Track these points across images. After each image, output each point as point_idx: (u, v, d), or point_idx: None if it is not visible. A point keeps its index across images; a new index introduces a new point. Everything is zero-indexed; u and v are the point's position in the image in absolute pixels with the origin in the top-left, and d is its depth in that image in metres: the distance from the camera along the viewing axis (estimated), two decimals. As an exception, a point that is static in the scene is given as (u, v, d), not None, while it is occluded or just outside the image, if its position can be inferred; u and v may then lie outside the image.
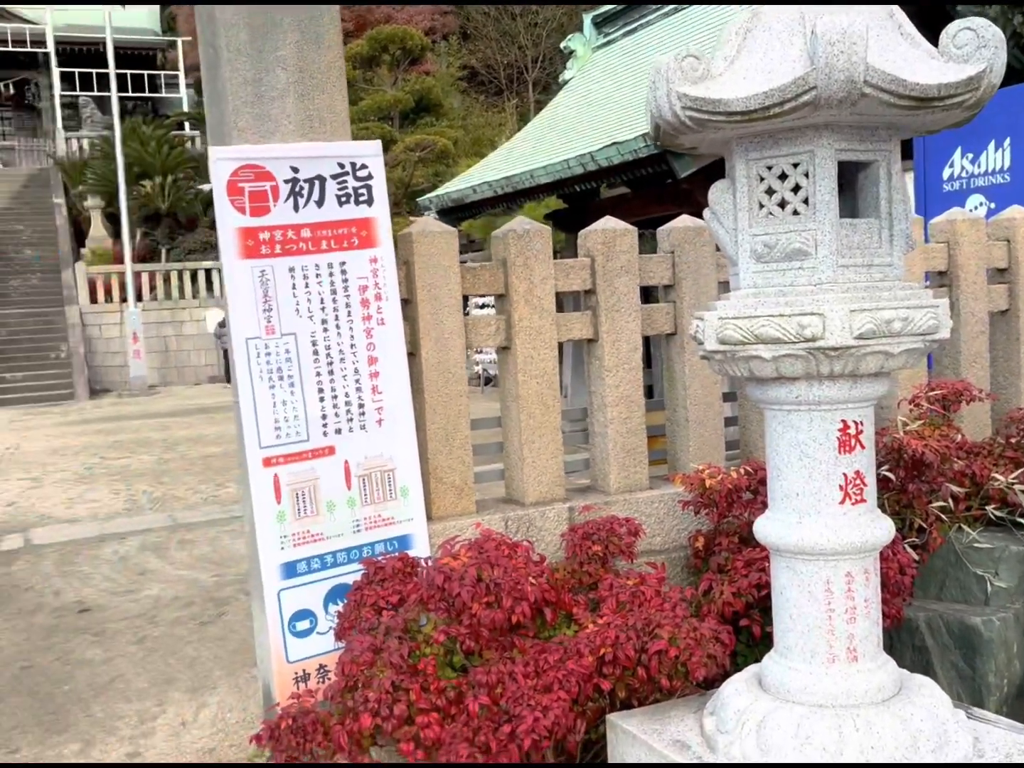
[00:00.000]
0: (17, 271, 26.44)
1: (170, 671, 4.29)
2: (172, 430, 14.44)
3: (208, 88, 3.24)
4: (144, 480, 9.79)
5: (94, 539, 7.20)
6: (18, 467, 11.33)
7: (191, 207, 27.86)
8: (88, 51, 34.10)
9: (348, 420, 3.20)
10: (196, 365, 25.37)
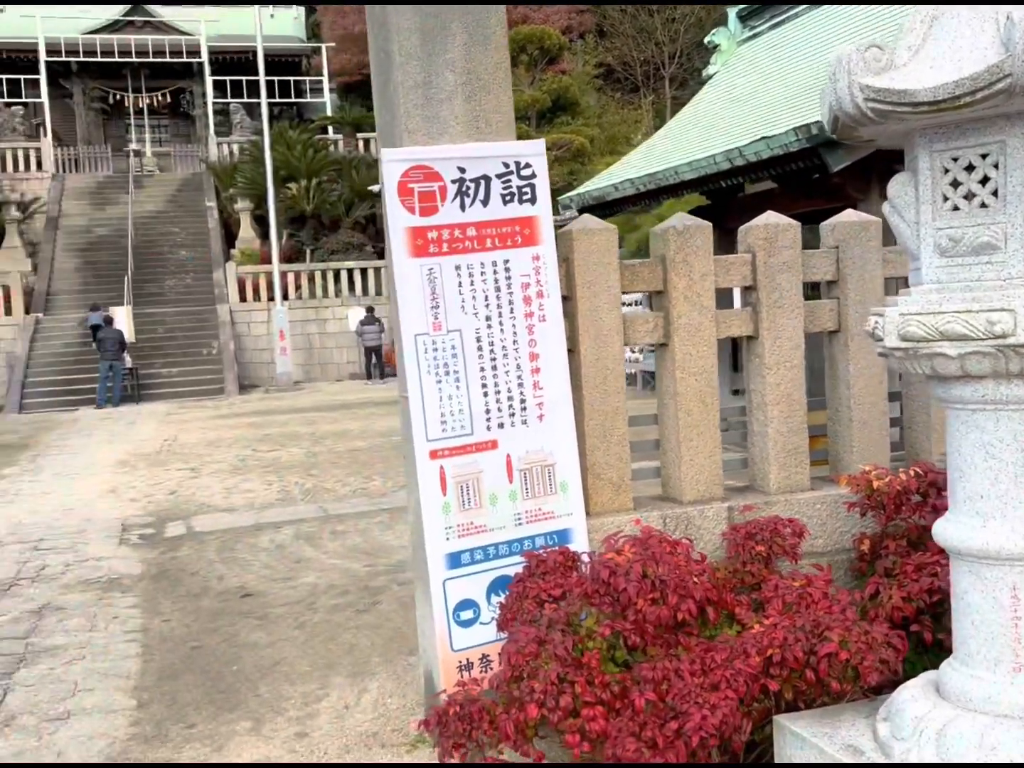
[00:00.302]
0: (172, 271, 27.81)
1: (330, 656, 4.44)
2: (318, 424, 14.92)
3: (379, 92, 3.35)
4: (295, 472, 10.15)
5: (251, 528, 7.52)
6: (177, 458, 11.93)
7: (334, 209, 28.72)
8: (238, 59, 35.56)
9: (510, 415, 3.25)
10: (338, 362, 26.15)
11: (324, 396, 21.13)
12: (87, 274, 27.08)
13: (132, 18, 35.37)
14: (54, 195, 29.73)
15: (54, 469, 11.61)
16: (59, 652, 4.68)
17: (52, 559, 6.70)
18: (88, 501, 9.18)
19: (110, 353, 21.23)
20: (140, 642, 4.82)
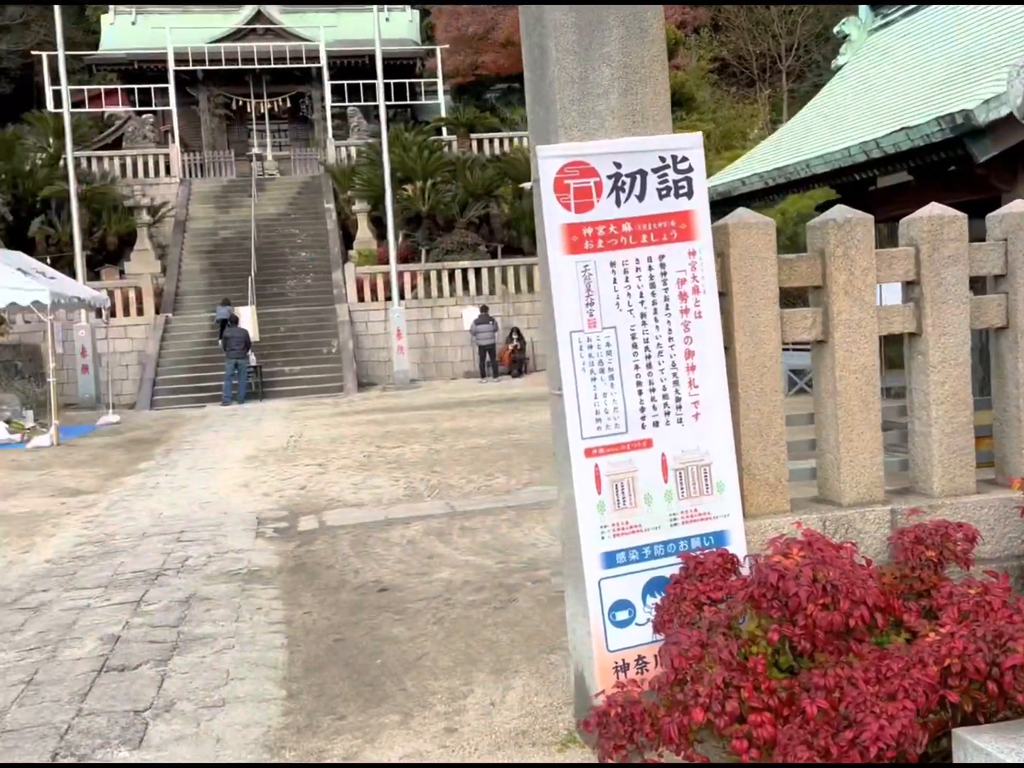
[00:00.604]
0: (293, 272, 28.54)
1: (471, 652, 4.46)
2: (437, 422, 15.09)
3: (533, 88, 3.34)
4: (418, 469, 10.28)
5: (381, 523, 7.63)
6: (304, 454, 12.23)
7: (448, 209, 29.01)
8: (354, 63, 36.28)
9: (665, 413, 3.20)
10: (452, 360, 26.42)
11: (440, 394, 21.38)
12: (213, 275, 28.02)
13: (254, 26, 36.44)
14: (181, 199, 30.87)
15: (187, 464, 12.04)
16: (209, 641, 4.82)
17: (194, 551, 6.93)
18: (223, 495, 9.48)
19: (235, 352, 21.90)
20: (285, 633, 4.93)
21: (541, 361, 26.74)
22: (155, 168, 31.45)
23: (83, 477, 11.35)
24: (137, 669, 4.44)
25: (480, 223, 29.85)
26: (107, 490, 10.28)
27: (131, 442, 15.00)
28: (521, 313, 26.86)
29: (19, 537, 7.86)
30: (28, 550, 7.34)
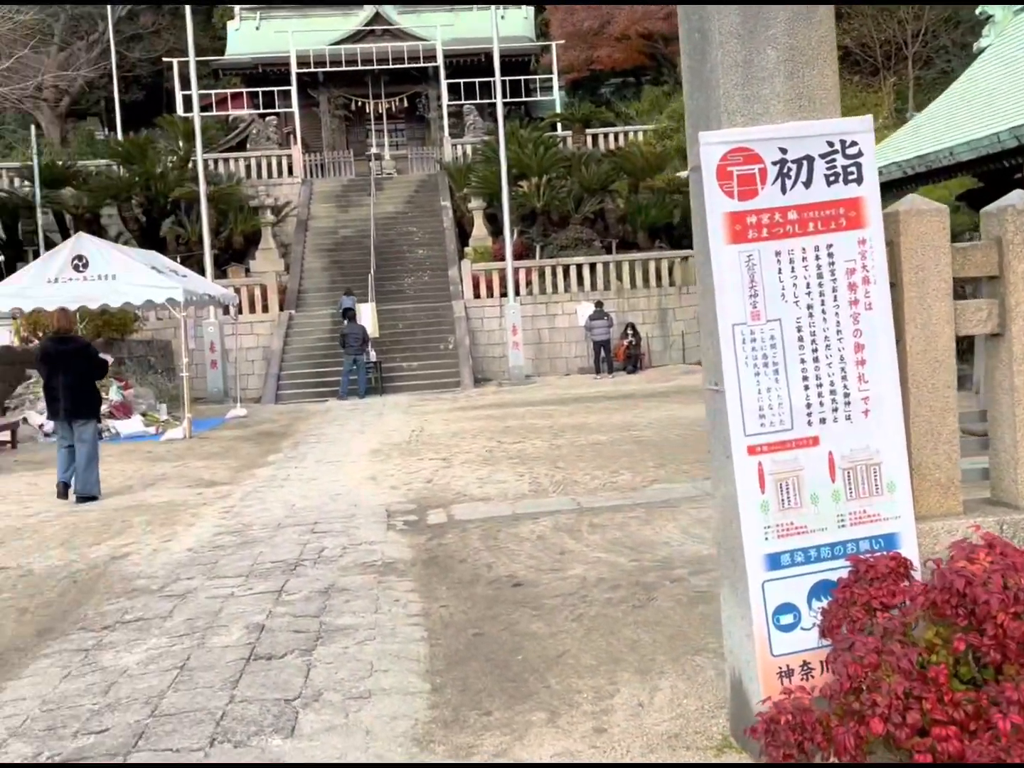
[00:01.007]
0: (411, 270, 28.95)
1: (613, 651, 4.39)
2: (555, 418, 15.05)
3: (692, 74, 3.24)
4: (541, 464, 10.25)
5: (509, 518, 7.63)
6: (427, 448, 12.35)
7: (563, 205, 28.96)
8: (470, 62, 36.56)
9: (833, 410, 3.07)
10: (566, 356, 26.38)
11: (556, 390, 21.36)
12: (334, 273, 28.64)
13: (373, 27, 37.06)
14: (303, 199, 31.65)
15: (315, 456, 12.30)
16: (351, 632, 4.88)
17: (329, 542, 7.05)
18: (351, 488, 9.64)
19: (353, 348, 22.35)
20: (423, 626, 4.95)
21: (657, 357, 26.46)
22: (278, 169, 32.33)
23: (216, 469, 11.71)
24: (283, 658, 4.52)
25: (595, 218, 29.71)
26: (240, 481, 10.57)
27: (259, 435, 15.42)
28: (636, 309, 26.64)
29: (161, 526, 8.14)
30: (170, 539, 7.59)
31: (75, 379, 9.57)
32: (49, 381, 9.81)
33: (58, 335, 9.96)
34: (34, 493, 10.41)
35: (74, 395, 9.55)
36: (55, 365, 9.64)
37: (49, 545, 7.55)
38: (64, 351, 9.67)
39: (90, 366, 9.76)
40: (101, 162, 30.75)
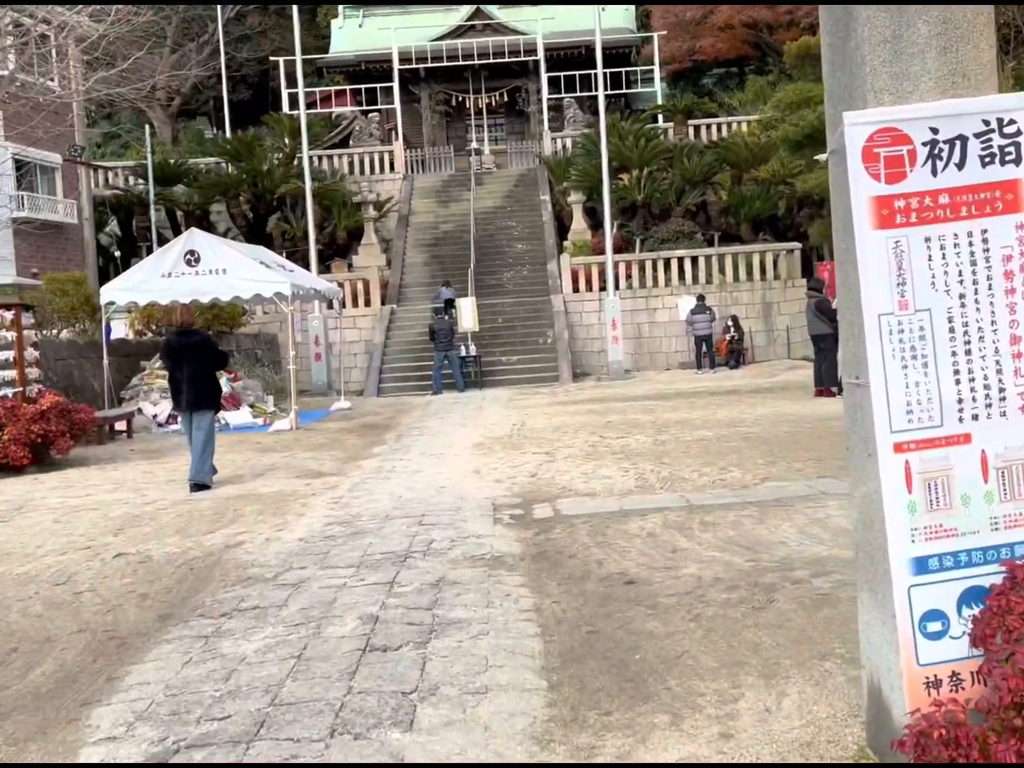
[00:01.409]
0: (510, 264, 28.99)
1: (734, 653, 4.26)
2: (657, 413, 14.85)
3: (833, 51, 3.09)
4: (646, 460, 10.10)
5: (616, 514, 7.51)
6: (529, 442, 12.31)
7: (664, 197, 28.62)
8: (570, 55, 36.41)
9: (987, 406, 2.88)
10: (666, 351, 26.06)
11: (656, 385, 21.11)
12: (434, 267, 28.88)
13: (473, 22, 37.22)
14: (404, 194, 32.00)
15: (419, 449, 12.38)
16: (464, 625, 4.84)
17: (437, 534, 7.05)
18: (456, 481, 9.65)
19: (443, 344, 22.54)
20: (536, 622, 4.88)
21: (760, 352, 25.92)
22: (380, 165, 32.76)
23: (323, 460, 11.88)
24: (398, 650, 4.50)
25: (696, 211, 29.27)
26: (347, 473, 10.70)
27: (363, 427, 15.62)
28: (739, 303, 26.15)
29: (272, 516, 8.27)
30: (282, 528, 7.70)
31: (197, 371, 9.85)
32: (173, 373, 10.12)
33: (181, 329, 10.23)
34: (150, 481, 10.71)
35: (196, 387, 9.83)
36: (178, 358, 9.94)
37: (166, 532, 7.74)
38: (186, 344, 9.96)
39: (211, 358, 10.06)
40: (211, 160, 31.62)
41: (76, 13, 13.61)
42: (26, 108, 14.29)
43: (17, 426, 11.59)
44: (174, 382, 10.10)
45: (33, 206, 24.72)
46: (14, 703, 4.20)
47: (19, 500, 9.89)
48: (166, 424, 16.23)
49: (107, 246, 29.33)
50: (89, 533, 7.90)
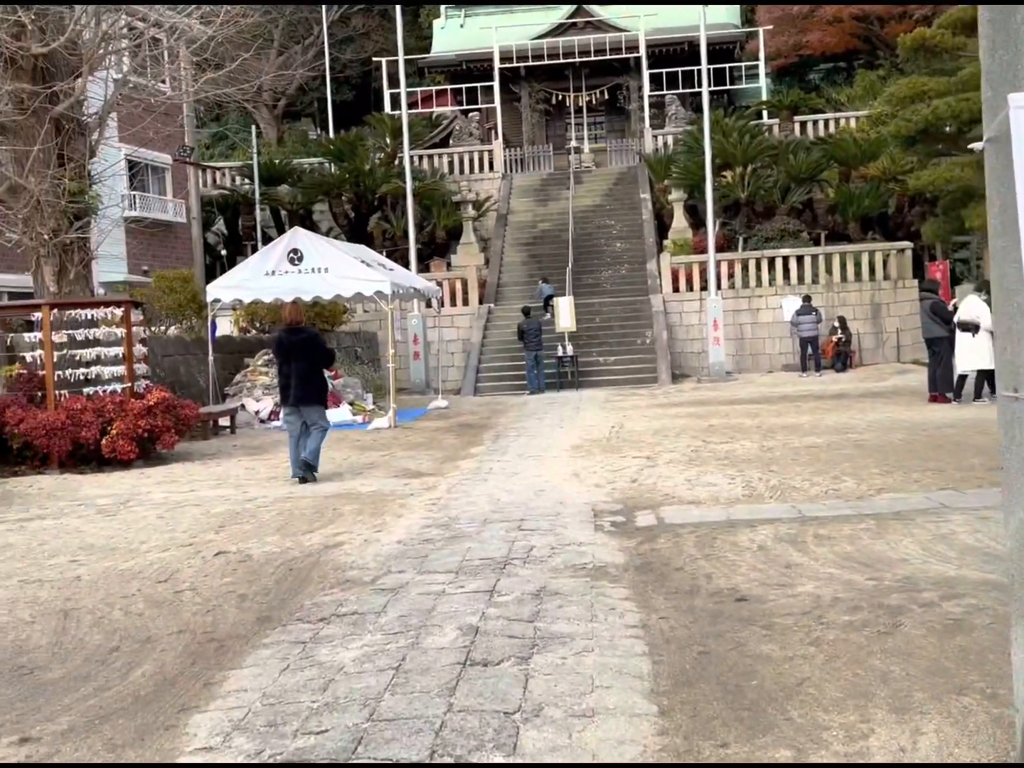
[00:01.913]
0: (608, 263, 28.68)
1: (861, 683, 3.95)
2: (762, 417, 14.40)
3: (994, 28, 2.78)
4: (753, 467, 9.74)
5: (723, 524, 7.21)
6: (628, 445, 12.04)
7: (769, 195, 27.92)
8: (672, 51, 35.84)
9: None
10: (769, 353, 25.41)
11: (759, 388, 20.56)
12: (531, 266, 28.76)
13: (575, 20, 36.97)
14: (503, 193, 31.95)
15: (517, 450, 12.23)
16: (567, 641, 4.64)
17: (537, 541, 6.86)
18: (555, 484, 9.46)
19: (533, 344, 22.39)
20: (643, 640, 4.65)
21: (868, 355, 25.06)
22: (479, 164, 32.80)
23: (421, 459, 11.83)
24: (499, 665, 4.33)
25: (802, 209, 28.49)
26: (445, 473, 10.61)
27: (460, 427, 15.56)
28: (847, 303, 25.35)
29: (371, 516, 8.21)
30: (380, 529, 7.62)
31: (304, 367, 10.08)
32: (281, 369, 10.35)
33: (290, 326, 10.46)
34: (252, 478, 10.80)
35: (303, 382, 10.05)
36: (287, 354, 10.18)
37: (266, 531, 7.74)
38: (295, 341, 10.19)
39: (318, 355, 10.30)
40: (314, 160, 32.12)
41: (187, 16, 13.90)
42: (138, 109, 14.64)
43: (125, 421, 11.84)
44: (283, 377, 10.32)
45: (144, 205, 25.45)
46: (115, 705, 4.16)
47: (125, 494, 10.07)
48: (268, 420, 16.46)
49: (214, 244, 30.04)
50: (191, 529, 7.96)
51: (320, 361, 10.33)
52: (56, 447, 11.62)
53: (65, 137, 12.58)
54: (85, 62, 12.20)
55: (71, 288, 12.61)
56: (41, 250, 12.40)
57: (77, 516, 8.93)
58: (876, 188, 27.44)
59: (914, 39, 23.37)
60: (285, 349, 10.23)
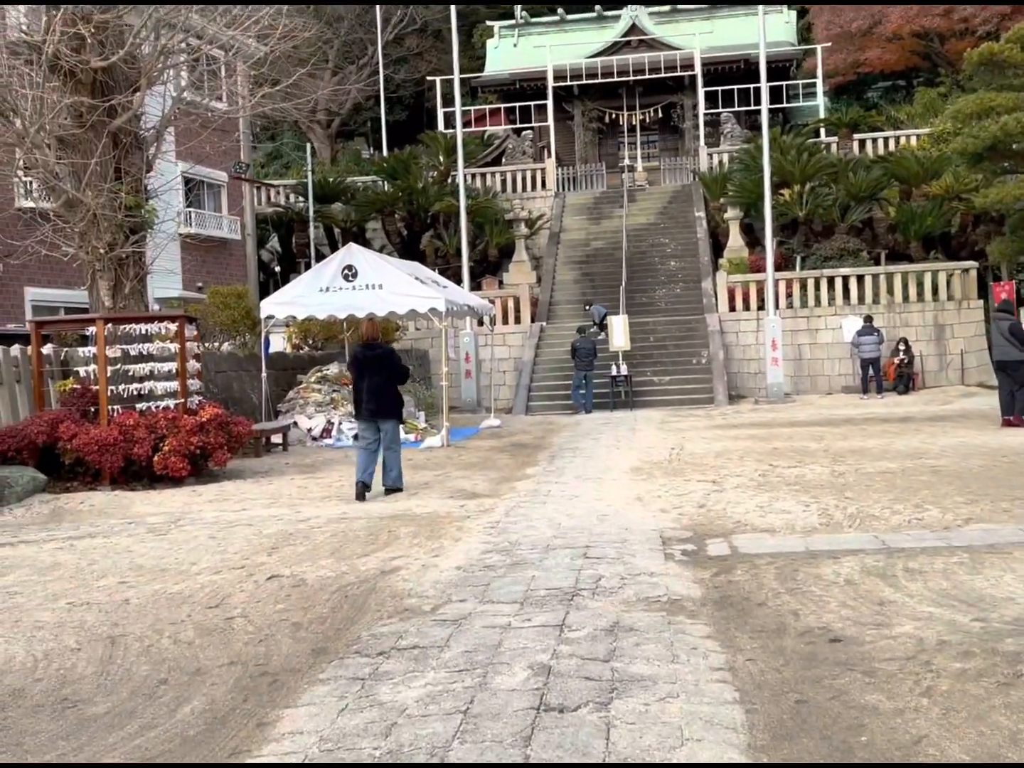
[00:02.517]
0: (662, 282, 28.23)
1: (987, 743, 3.51)
2: (827, 440, 13.88)
3: None
4: (826, 493, 9.27)
5: (803, 554, 6.78)
6: (691, 468, 11.60)
7: (827, 214, 27.32)
8: (727, 69, 35.42)
9: None
10: (828, 374, 24.78)
11: (820, 410, 19.98)
12: (584, 285, 28.42)
13: (628, 38, 36.72)
14: (556, 212, 31.69)
15: (574, 472, 11.85)
16: (648, 685, 4.26)
17: (604, 570, 6.48)
18: (618, 508, 9.07)
19: (584, 363, 22.03)
20: (732, 685, 4.25)
21: (931, 377, 24.30)
22: (532, 182, 32.62)
23: (476, 479, 11.50)
24: (577, 711, 3.96)
25: (862, 228, 27.83)
26: (501, 495, 10.27)
27: (514, 446, 15.23)
28: (909, 324, 24.66)
29: (427, 539, 7.88)
30: (438, 554, 7.29)
31: (380, 382, 10.30)
32: (357, 384, 10.57)
33: (366, 342, 10.70)
34: (305, 496, 10.55)
35: (378, 397, 10.27)
36: (363, 369, 10.40)
37: (319, 554, 7.45)
38: (371, 356, 10.42)
39: (393, 371, 10.53)
40: (367, 178, 32.14)
41: (243, 31, 13.90)
42: (195, 125, 14.59)
43: (178, 437, 11.66)
44: (357, 392, 10.53)
45: (200, 222, 25.55)
46: (162, 747, 3.85)
47: (177, 512, 9.87)
48: (320, 438, 16.25)
49: (268, 262, 30.11)
50: (243, 551, 7.70)
51: (396, 376, 10.52)
52: (108, 463, 11.47)
53: (122, 151, 12.51)
54: (143, 76, 12.13)
55: (126, 303, 12.51)
56: (97, 264, 12.32)
57: (128, 535, 8.72)
58: (939, 207, 26.73)
59: (981, 54, 22.74)
60: (361, 364, 10.44)
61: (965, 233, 27.47)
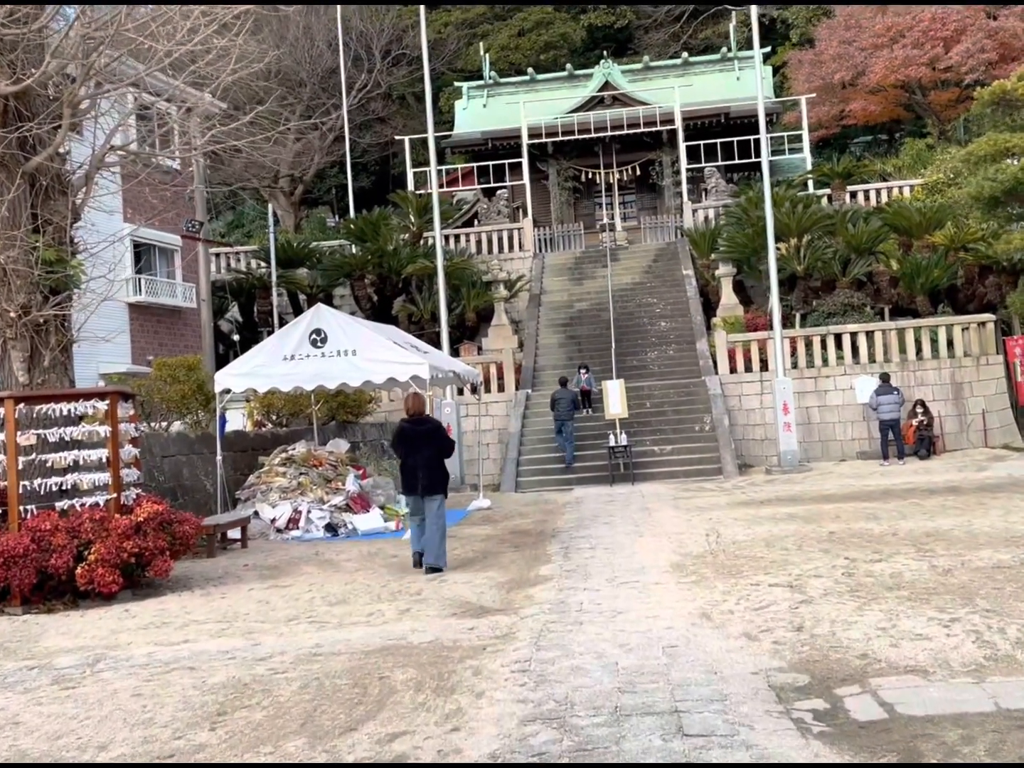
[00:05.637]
0: (653, 343, 26.35)
1: None
2: (886, 520, 11.77)
3: None
4: (953, 603, 7.09)
5: (997, 715, 4.61)
6: (746, 564, 9.38)
7: (828, 268, 25.64)
8: (703, 124, 34.13)
9: None
10: (841, 439, 22.82)
11: (845, 479, 17.92)
12: (570, 348, 26.46)
13: (602, 94, 35.38)
14: (535, 273, 29.88)
15: (602, 571, 9.59)
16: None
17: (720, 756, 4.24)
18: (682, 632, 6.82)
19: (564, 413, 20.60)
20: None
21: (951, 440, 22.37)
22: (508, 243, 30.84)
23: (479, 585, 9.25)
24: None
25: (863, 282, 26.16)
26: (517, 609, 8.01)
27: (514, 534, 12.98)
28: (924, 383, 22.83)
29: (436, 694, 5.61)
30: (457, 726, 5.01)
31: (431, 457, 10.22)
32: (406, 460, 10.38)
33: (413, 417, 10.51)
34: (266, 618, 8.21)
35: (431, 473, 10.18)
36: (412, 445, 10.27)
37: (285, 727, 5.15)
38: (421, 431, 10.31)
39: (443, 444, 10.39)
40: (334, 243, 30.18)
41: (198, 88, 12.11)
42: (145, 178, 12.44)
43: (107, 543, 9.32)
44: (406, 468, 10.36)
45: (151, 289, 23.31)
46: None
47: (99, 647, 7.52)
48: (286, 530, 13.90)
49: (227, 332, 27.85)
50: (177, 720, 5.40)
51: (444, 450, 10.38)
52: (17, 579, 9.09)
53: (41, 196, 10.36)
54: (66, 105, 10.03)
55: (45, 377, 10.24)
56: (8, 332, 10.06)
57: (23, 690, 6.37)
58: (944, 258, 25.15)
59: (992, 92, 21.39)
60: (409, 439, 10.32)
61: (972, 285, 25.85)
